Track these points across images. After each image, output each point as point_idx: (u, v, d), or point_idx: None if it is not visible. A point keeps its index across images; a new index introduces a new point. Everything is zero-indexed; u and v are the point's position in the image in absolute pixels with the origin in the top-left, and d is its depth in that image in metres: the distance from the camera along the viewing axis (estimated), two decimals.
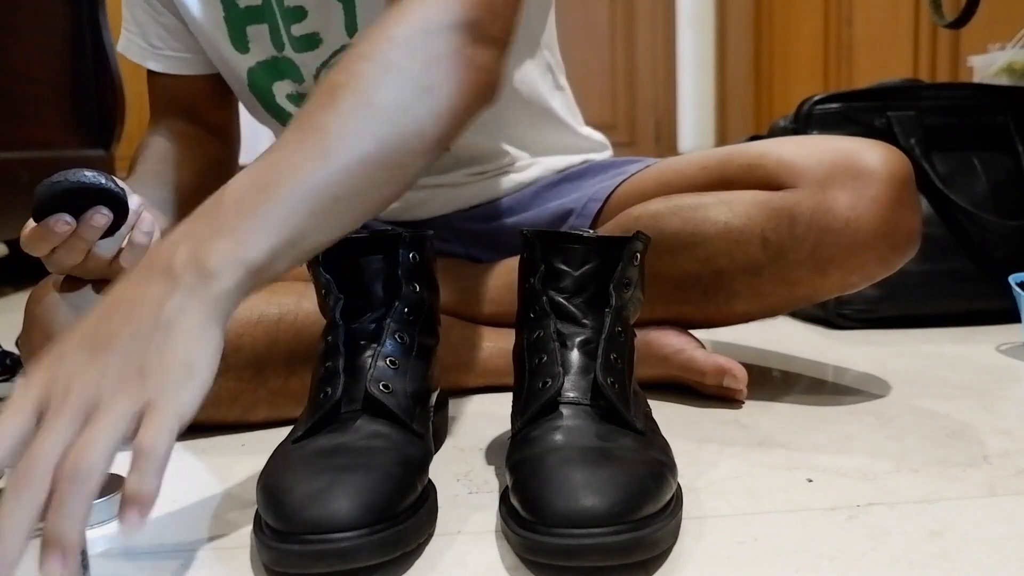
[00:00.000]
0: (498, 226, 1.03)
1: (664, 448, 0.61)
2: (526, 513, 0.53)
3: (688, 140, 4.38)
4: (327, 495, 0.52)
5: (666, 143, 4.08)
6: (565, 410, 0.61)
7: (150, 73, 1.01)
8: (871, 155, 0.80)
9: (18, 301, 1.72)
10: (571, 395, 0.62)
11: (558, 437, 0.58)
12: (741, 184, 0.86)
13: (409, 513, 0.55)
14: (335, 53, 0.93)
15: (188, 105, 1.02)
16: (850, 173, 0.80)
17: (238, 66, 0.97)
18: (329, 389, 0.62)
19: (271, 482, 0.56)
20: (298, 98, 0.98)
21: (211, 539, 0.61)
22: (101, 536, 0.62)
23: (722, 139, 3.96)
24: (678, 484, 0.59)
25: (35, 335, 0.78)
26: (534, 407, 0.61)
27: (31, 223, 0.71)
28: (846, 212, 0.79)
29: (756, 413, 0.85)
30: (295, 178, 0.53)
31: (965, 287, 1.23)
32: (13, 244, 2.09)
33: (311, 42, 0.93)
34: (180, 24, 0.97)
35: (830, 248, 0.81)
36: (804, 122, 1.27)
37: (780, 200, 0.82)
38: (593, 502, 0.51)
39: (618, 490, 0.52)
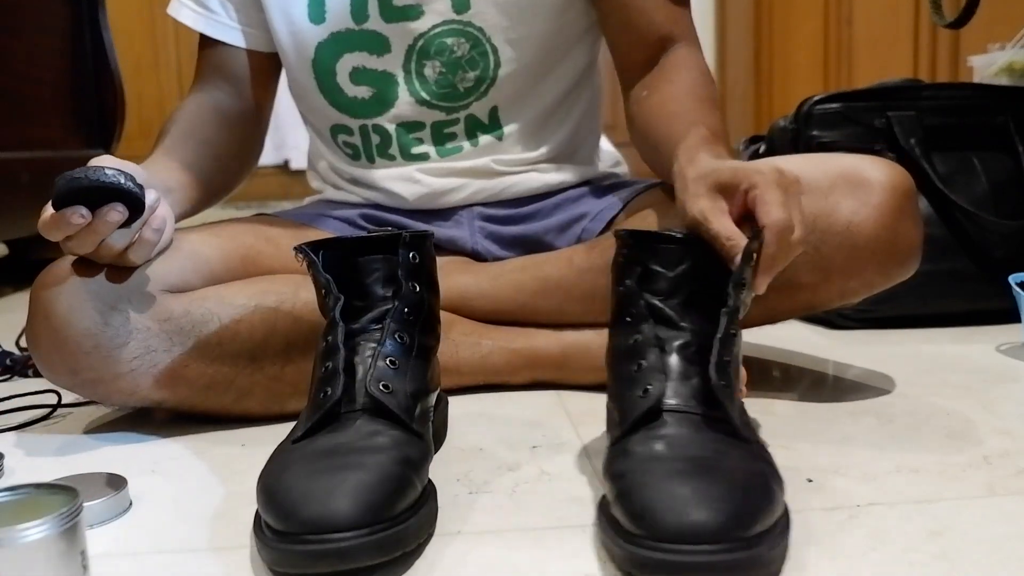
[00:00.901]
0: (516, 231, 1.05)
1: (769, 458, 0.58)
2: (633, 526, 0.51)
3: None
4: (327, 495, 0.52)
5: None
6: (668, 418, 0.58)
7: (203, 38, 1.03)
8: (874, 168, 0.82)
9: (18, 301, 1.72)
10: (673, 402, 0.59)
11: (662, 447, 0.56)
12: None
13: (409, 513, 0.55)
14: (435, 26, 0.96)
15: (232, 77, 1.03)
16: (853, 183, 0.81)
17: (307, 38, 0.98)
18: (329, 389, 0.62)
19: (271, 482, 0.56)
20: (364, 73, 0.99)
21: (211, 539, 0.61)
22: (101, 536, 0.62)
23: None
24: (784, 499, 0.56)
25: (38, 320, 0.78)
26: (635, 415, 0.59)
27: (49, 208, 0.73)
28: (848, 216, 0.80)
29: (756, 413, 0.84)
30: None
31: (965, 287, 1.22)
32: (13, 244, 2.09)
33: (412, 13, 0.96)
34: None
35: (831, 251, 0.81)
36: (804, 122, 1.26)
37: None
38: (704, 517, 0.49)
39: (728, 505, 0.50)
